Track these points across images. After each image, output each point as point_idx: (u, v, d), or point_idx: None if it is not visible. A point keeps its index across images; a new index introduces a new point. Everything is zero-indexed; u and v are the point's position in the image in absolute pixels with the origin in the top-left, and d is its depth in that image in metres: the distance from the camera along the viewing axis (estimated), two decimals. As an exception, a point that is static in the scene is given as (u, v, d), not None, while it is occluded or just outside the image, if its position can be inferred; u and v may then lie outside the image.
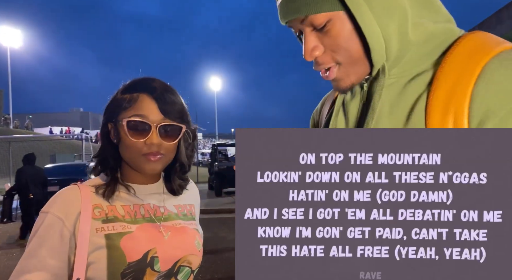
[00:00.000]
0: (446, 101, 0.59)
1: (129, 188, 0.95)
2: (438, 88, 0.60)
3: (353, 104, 0.75)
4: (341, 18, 0.62)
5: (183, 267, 0.95)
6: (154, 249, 0.90)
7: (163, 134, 0.90)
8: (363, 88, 0.73)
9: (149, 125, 0.89)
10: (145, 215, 0.95)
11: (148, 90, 0.91)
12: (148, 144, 0.89)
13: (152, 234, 0.92)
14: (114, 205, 0.93)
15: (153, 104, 0.90)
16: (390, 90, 0.67)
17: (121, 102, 0.92)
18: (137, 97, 0.90)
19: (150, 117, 0.89)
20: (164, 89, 0.93)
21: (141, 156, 0.90)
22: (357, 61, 0.66)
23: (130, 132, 0.89)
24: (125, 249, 0.87)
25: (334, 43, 0.64)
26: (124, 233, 0.89)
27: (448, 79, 0.59)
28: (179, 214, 1.01)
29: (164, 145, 0.91)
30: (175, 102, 0.93)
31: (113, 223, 0.89)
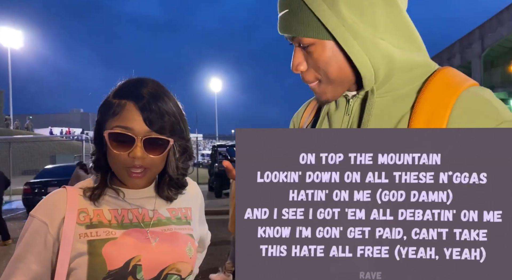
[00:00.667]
0: (426, 122, 0.69)
1: (118, 192, 0.92)
2: (420, 111, 0.70)
3: (338, 115, 0.82)
4: (323, 45, 0.71)
5: (171, 275, 0.91)
6: (138, 257, 0.87)
7: (148, 147, 0.85)
8: (348, 102, 0.80)
9: (132, 138, 0.84)
10: (133, 220, 0.91)
11: (135, 98, 0.85)
12: (131, 157, 0.84)
13: (138, 241, 0.88)
14: (101, 209, 0.90)
15: (138, 115, 0.84)
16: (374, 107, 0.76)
17: (110, 107, 0.87)
18: (124, 105, 0.85)
19: (134, 129, 0.84)
20: (153, 96, 0.86)
21: (124, 169, 0.86)
22: (333, 82, 0.75)
23: (113, 144, 0.85)
24: (107, 256, 0.84)
25: (315, 63, 0.74)
26: (108, 240, 0.86)
27: (428, 105, 0.70)
28: (172, 218, 0.97)
29: (148, 159, 0.86)
30: (164, 113, 0.86)
31: (97, 229, 0.87)
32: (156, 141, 0.86)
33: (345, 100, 0.82)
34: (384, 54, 0.71)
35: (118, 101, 0.87)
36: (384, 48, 0.70)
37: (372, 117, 0.76)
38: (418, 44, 0.76)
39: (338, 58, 0.72)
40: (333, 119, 0.83)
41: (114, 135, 0.85)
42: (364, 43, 0.69)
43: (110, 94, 0.91)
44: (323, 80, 0.75)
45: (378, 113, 0.76)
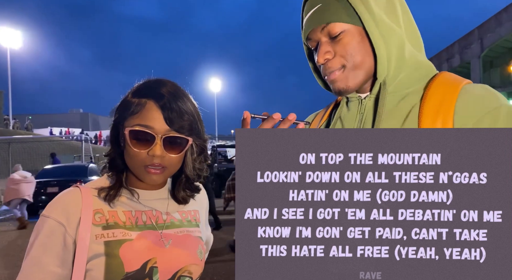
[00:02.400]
0: (435, 109, 0.76)
1: (133, 193, 0.92)
2: (428, 101, 0.78)
3: (350, 116, 0.89)
4: (352, 32, 0.80)
5: (183, 277, 0.91)
6: (154, 259, 0.87)
7: (167, 146, 0.86)
8: (361, 103, 0.87)
9: (152, 136, 0.84)
10: (147, 222, 0.91)
11: (156, 97, 0.86)
12: (150, 155, 0.85)
13: (152, 243, 0.89)
14: (116, 210, 0.89)
15: (159, 113, 0.85)
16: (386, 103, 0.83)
17: (129, 106, 0.87)
18: (144, 104, 0.86)
19: (155, 127, 0.85)
20: (173, 96, 0.87)
21: (142, 167, 0.87)
22: (357, 69, 0.82)
23: (133, 142, 0.85)
24: (124, 258, 0.84)
25: (344, 49, 0.81)
26: (124, 241, 0.86)
27: (435, 96, 0.78)
28: (183, 221, 0.98)
29: (167, 157, 0.87)
30: (184, 112, 0.87)
31: (113, 230, 0.86)
32: (176, 140, 0.87)
33: (358, 102, 0.89)
34: (397, 45, 0.80)
35: (138, 100, 0.87)
36: (399, 37, 0.80)
37: (384, 111, 0.82)
38: (421, 45, 0.87)
39: (364, 45, 0.81)
40: (346, 120, 0.90)
41: (135, 133, 0.85)
42: (383, 29, 0.79)
43: (128, 94, 0.90)
44: (348, 66, 0.82)
45: (390, 107, 0.83)
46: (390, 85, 0.83)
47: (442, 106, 0.76)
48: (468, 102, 0.75)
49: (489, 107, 0.73)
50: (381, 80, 0.82)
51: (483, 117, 0.73)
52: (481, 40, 21.77)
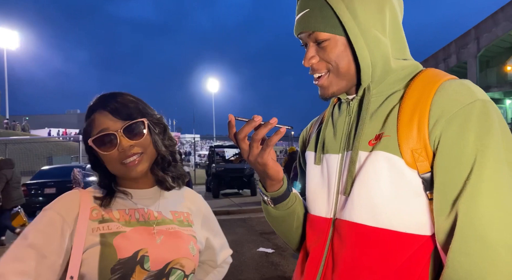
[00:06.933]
0: (413, 107, 0.77)
1: (126, 193, 0.99)
2: (408, 99, 0.79)
3: (341, 118, 0.91)
4: (337, 41, 0.82)
5: (175, 269, 0.95)
6: (146, 249, 0.92)
7: (129, 135, 0.93)
8: (349, 105, 0.89)
9: (113, 134, 0.92)
10: (140, 219, 0.97)
11: (99, 107, 0.95)
12: (121, 151, 0.92)
13: (144, 237, 0.94)
14: (111, 209, 0.96)
15: (108, 115, 0.94)
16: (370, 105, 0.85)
17: (86, 129, 0.97)
18: (94, 118, 0.95)
19: (111, 127, 0.93)
20: (111, 97, 0.96)
21: (120, 165, 0.93)
22: (341, 76, 0.84)
23: (101, 149, 0.93)
24: (117, 247, 0.89)
25: (328, 56, 0.83)
26: (118, 233, 0.91)
27: (414, 94, 0.78)
28: (174, 220, 1.03)
29: (137, 144, 0.93)
30: (126, 103, 0.95)
31: (108, 223, 0.93)
32: (132, 126, 0.94)
33: (346, 105, 0.90)
34: (383, 54, 0.81)
35: (89, 120, 0.97)
36: (384, 48, 0.81)
37: (368, 113, 0.83)
38: (406, 48, 0.88)
39: (348, 53, 0.82)
40: (337, 121, 0.91)
41: (98, 140, 0.93)
42: (368, 40, 0.79)
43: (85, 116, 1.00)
44: (333, 71, 0.84)
45: (374, 108, 0.84)
46: (374, 88, 0.84)
47: (419, 102, 0.76)
48: (444, 98, 0.74)
49: (462, 103, 0.72)
50: (365, 86, 0.84)
51: (457, 113, 0.71)
52: (477, 40, 21.90)
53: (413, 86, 0.80)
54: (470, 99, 0.72)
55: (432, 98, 0.75)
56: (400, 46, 0.86)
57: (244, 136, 0.80)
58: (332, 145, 0.89)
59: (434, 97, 0.75)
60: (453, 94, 0.74)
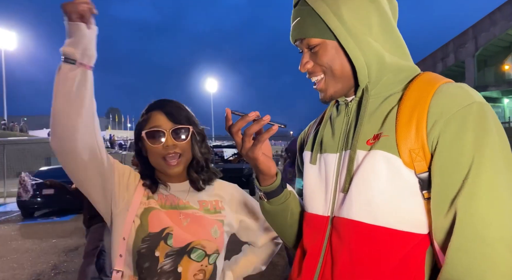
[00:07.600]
0: (411, 108, 0.78)
1: (166, 185, 1.20)
2: (406, 100, 0.80)
3: (339, 118, 0.93)
4: (327, 45, 0.85)
5: (196, 248, 1.12)
6: (171, 227, 1.11)
7: (175, 136, 1.14)
8: (347, 106, 0.91)
9: (163, 132, 1.13)
10: (172, 204, 1.17)
11: (158, 107, 1.16)
12: (165, 147, 1.12)
13: (173, 218, 1.13)
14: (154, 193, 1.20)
15: (163, 116, 1.15)
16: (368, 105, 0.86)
17: (140, 122, 1.18)
18: (151, 115, 1.16)
19: (163, 126, 1.14)
20: (169, 103, 1.18)
21: (162, 160, 1.14)
22: (337, 78, 0.87)
23: (150, 141, 1.14)
24: (150, 222, 1.10)
25: (321, 61, 0.87)
26: (154, 208, 1.13)
27: (413, 96, 0.80)
28: (200, 209, 1.20)
29: (179, 145, 1.14)
30: (180, 110, 1.18)
31: (150, 200, 1.15)
32: (180, 130, 1.15)
33: (345, 106, 0.92)
34: (375, 54, 0.83)
35: (145, 116, 1.18)
36: (376, 48, 0.83)
37: (366, 113, 0.85)
38: (406, 54, 0.89)
39: (340, 56, 0.85)
40: (335, 121, 0.93)
41: (149, 134, 1.14)
42: (359, 41, 0.82)
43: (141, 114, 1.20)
44: (328, 73, 0.87)
45: (373, 109, 0.85)
46: (372, 89, 0.86)
47: (418, 103, 0.78)
48: (442, 100, 0.76)
49: (460, 105, 0.74)
50: (363, 86, 0.86)
51: (455, 114, 0.73)
52: (475, 40, 21.95)
53: (411, 88, 0.81)
54: (468, 101, 0.74)
55: (431, 100, 0.76)
56: (395, 44, 0.87)
57: (237, 130, 0.84)
58: (330, 145, 0.90)
59: (432, 99, 0.77)
60: (451, 96, 0.76)
